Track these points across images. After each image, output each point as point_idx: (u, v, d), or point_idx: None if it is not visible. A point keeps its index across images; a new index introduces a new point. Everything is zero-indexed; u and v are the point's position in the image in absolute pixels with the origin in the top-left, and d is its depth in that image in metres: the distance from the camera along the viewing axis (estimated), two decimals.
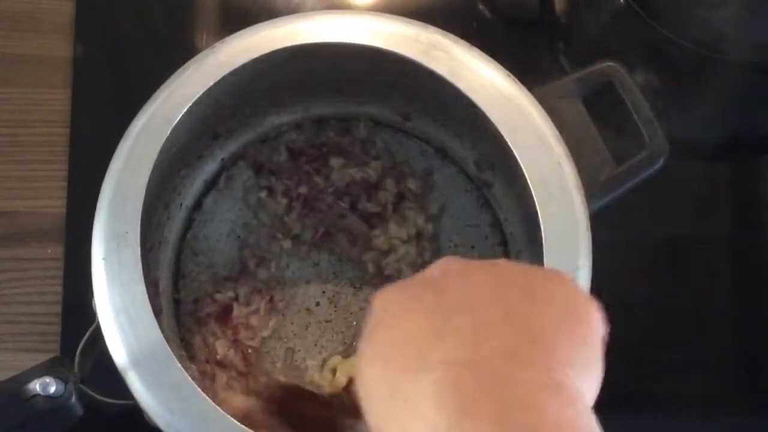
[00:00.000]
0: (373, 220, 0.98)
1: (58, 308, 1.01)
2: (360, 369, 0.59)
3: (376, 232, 0.98)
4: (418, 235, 0.98)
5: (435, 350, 0.54)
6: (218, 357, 0.92)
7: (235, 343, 0.93)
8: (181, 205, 0.97)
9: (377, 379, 0.57)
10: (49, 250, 1.03)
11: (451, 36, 0.88)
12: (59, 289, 1.02)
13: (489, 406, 0.50)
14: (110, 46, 1.13)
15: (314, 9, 1.13)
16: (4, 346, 1.00)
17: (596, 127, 0.87)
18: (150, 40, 1.13)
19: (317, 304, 0.96)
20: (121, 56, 1.12)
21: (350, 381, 0.91)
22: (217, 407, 0.74)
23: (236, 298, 0.95)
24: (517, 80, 0.86)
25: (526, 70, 0.90)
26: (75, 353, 0.79)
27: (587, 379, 0.55)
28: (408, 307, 0.58)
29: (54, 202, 1.05)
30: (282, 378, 0.93)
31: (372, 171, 0.98)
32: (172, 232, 0.96)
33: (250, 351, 0.93)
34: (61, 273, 1.02)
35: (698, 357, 1.04)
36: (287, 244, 0.97)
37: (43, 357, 0.93)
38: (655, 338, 1.03)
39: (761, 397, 1.04)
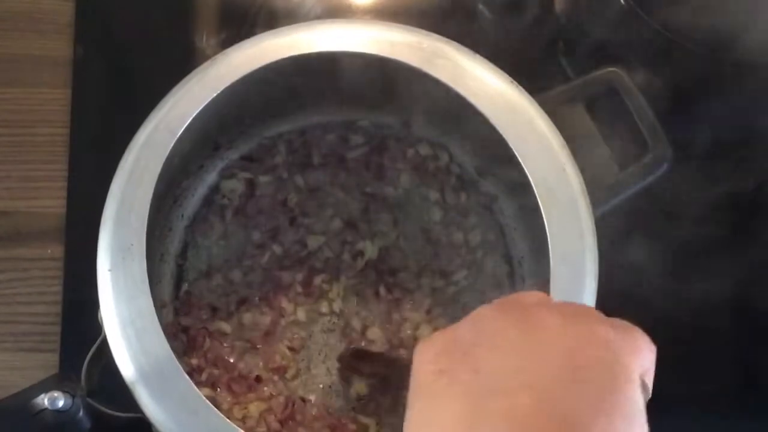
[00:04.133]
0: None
1: (58, 308, 1.01)
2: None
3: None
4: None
5: None
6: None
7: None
8: (182, 216, 0.97)
9: None
10: (49, 250, 1.03)
11: (454, 43, 0.88)
12: (59, 289, 1.02)
13: None
14: (110, 46, 1.12)
15: (314, 9, 1.13)
16: (4, 346, 0.99)
17: (599, 132, 0.87)
18: (150, 40, 1.12)
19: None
20: (121, 56, 1.12)
21: None
22: (226, 419, 0.74)
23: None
24: (520, 86, 0.86)
25: (526, 70, 0.90)
26: (75, 354, 0.80)
27: None
28: (445, 381, 0.57)
29: (54, 202, 1.05)
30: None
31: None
32: (173, 245, 0.96)
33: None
34: (61, 273, 1.02)
35: (698, 357, 1.04)
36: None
37: (43, 357, 0.95)
38: (655, 338, 1.03)
39: (761, 397, 1.04)
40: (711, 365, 1.04)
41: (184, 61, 1.09)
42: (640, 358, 0.58)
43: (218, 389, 0.90)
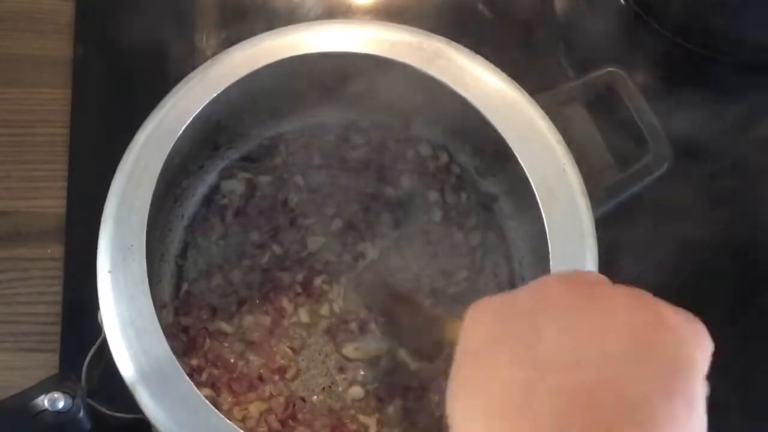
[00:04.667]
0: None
1: (58, 308, 1.00)
2: (451, 406, 0.57)
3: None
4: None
5: (514, 422, 0.52)
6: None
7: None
8: (182, 216, 0.97)
9: (461, 425, 0.56)
10: (49, 250, 1.03)
11: (454, 44, 0.88)
12: (59, 289, 1.01)
13: None
14: (110, 46, 1.12)
15: (314, 8, 1.13)
16: (4, 346, 0.99)
17: (599, 132, 0.87)
18: (150, 40, 1.12)
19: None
20: (121, 56, 1.11)
21: None
22: (226, 420, 0.74)
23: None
24: (520, 87, 0.86)
25: (526, 70, 0.90)
26: (75, 355, 0.80)
27: None
28: (496, 349, 0.56)
29: (54, 202, 1.05)
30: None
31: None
32: (173, 245, 0.96)
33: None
34: (61, 273, 1.02)
35: None
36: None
37: (43, 357, 0.95)
38: None
39: (761, 398, 1.04)
40: (711, 365, 1.04)
41: (184, 61, 1.10)
42: (704, 350, 0.57)
43: (218, 389, 0.90)
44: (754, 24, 1.03)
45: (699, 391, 0.54)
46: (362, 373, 0.93)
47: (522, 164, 0.83)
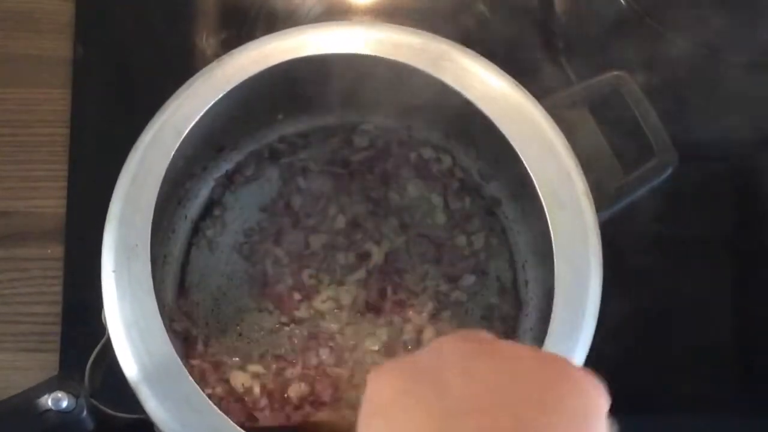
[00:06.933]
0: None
1: (58, 308, 1.01)
2: None
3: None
4: None
5: None
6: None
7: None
8: (186, 217, 0.97)
9: None
10: (49, 250, 1.03)
11: (459, 45, 0.88)
12: (59, 289, 1.02)
13: None
14: (110, 46, 1.12)
15: (314, 9, 1.13)
16: (4, 346, 0.99)
17: (604, 136, 0.87)
18: (150, 40, 1.12)
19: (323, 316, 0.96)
20: (121, 56, 1.12)
21: None
22: (230, 420, 0.74)
23: None
24: (525, 90, 0.86)
25: (526, 70, 0.91)
26: (75, 354, 0.80)
27: None
28: (406, 403, 0.55)
29: (54, 202, 1.05)
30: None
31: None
32: (177, 246, 0.96)
33: None
34: (61, 273, 1.02)
35: (698, 357, 1.04)
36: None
37: (44, 357, 0.95)
38: (655, 338, 1.04)
39: (761, 397, 1.04)
40: (711, 365, 1.04)
41: (184, 61, 1.10)
42: (606, 402, 0.57)
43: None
44: (754, 24, 1.03)
45: None
46: None
47: (527, 167, 0.83)
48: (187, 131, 0.82)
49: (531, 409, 0.53)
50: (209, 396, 0.76)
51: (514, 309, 0.95)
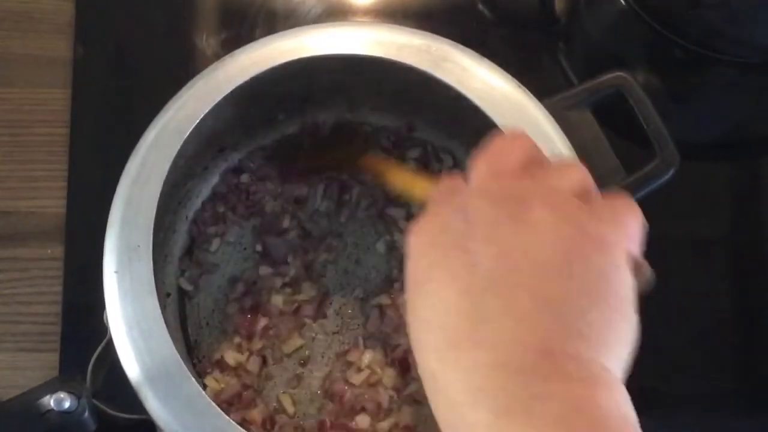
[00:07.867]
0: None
1: (58, 308, 1.00)
2: (411, 338, 0.59)
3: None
4: None
5: (467, 350, 0.54)
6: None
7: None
8: (186, 217, 0.97)
9: (420, 358, 0.58)
10: (49, 250, 1.02)
11: (461, 46, 0.88)
12: (59, 289, 1.01)
13: (523, 414, 0.51)
14: (110, 46, 1.12)
15: (314, 9, 1.13)
16: (4, 346, 0.99)
17: (606, 137, 0.87)
18: (150, 40, 1.12)
19: (324, 316, 0.96)
20: (121, 56, 1.12)
21: None
22: (232, 421, 0.74)
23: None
24: (527, 91, 0.86)
25: (526, 70, 0.91)
26: (75, 354, 0.80)
27: (620, 352, 0.57)
28: (439, 278, 0.58)
29: (54, 202, 1.04)
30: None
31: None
32: (177, 246, 0.96)
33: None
34: (61, 273, 1.02)
35: (698, 357, 1.04)
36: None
37: (43, 357, 0.95)
38: (655, 338, 1.03)
39: (761, 397, 1.05)
40: (711, 365, 1.04)
41: (184, 61, 1.10)
42: (630, 240, 0.60)
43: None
44: (754, 24, 1.03)
45: (625, 289, 0.58)
46: None
47: None
48: (189, 132, 0.82)
49: (548, 282, 0.55)
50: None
51: None
